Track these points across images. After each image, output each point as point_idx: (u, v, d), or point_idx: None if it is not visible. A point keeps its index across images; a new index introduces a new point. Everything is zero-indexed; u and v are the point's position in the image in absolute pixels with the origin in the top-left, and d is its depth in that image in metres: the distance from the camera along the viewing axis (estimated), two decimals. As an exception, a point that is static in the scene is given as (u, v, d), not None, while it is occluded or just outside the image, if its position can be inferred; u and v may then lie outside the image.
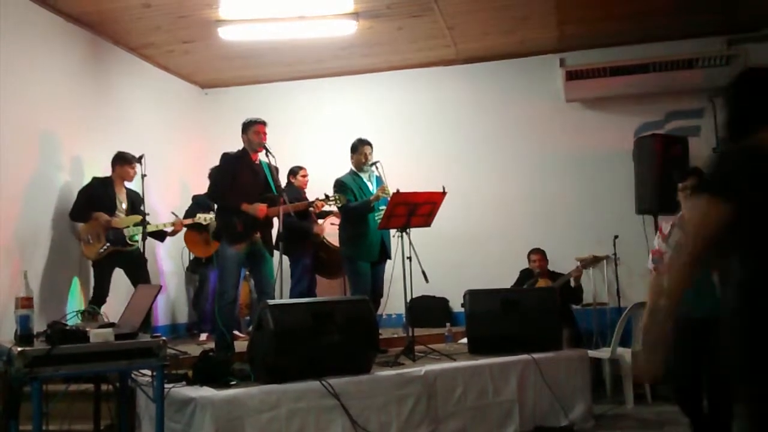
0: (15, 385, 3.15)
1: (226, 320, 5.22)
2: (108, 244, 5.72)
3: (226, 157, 5.40)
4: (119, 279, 5.93)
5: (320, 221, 6.98)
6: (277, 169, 5.50)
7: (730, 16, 6.72)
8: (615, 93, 7.27)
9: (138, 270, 5.86)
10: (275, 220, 5.52)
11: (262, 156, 5.42)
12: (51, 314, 5.22)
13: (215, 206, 5.74)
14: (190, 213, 6.57)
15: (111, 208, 5.84)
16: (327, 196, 5.63)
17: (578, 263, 6.63)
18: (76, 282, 6.00)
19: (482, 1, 6.22)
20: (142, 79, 7.32)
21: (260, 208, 5.24)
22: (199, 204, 6.68)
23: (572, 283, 6.55)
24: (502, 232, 7.46)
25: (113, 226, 5.75)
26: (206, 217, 6.28)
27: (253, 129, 5.35)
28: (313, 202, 5.78)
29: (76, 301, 5.97)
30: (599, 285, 7.20)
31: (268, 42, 6.86)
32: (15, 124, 5.42)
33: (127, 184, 6.07)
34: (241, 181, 5.31)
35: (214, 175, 5.71)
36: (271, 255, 5.39)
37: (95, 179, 5.99)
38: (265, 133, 5.37)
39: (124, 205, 5.97)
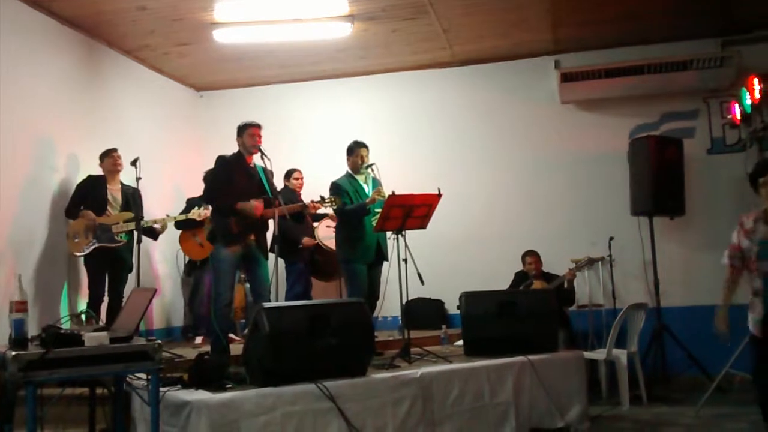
0: (9, 390, 3.14)
1: (221, 323, 5.21)
2: (95, 241, 5.71)
3: (221, 159, 5.39)
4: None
5: (316, 224, 6.98)
6: (272, 173, 5.51)
7: (724, 18, 6.75)
8: (610, 95, 7.29)
9: (120, 272, 5.89)
10: (270, 223, 5.52)
11: (257, 159, 5.42)
12: (45, 318, 5.21)
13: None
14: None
15: (102, 205, 5.84)
16: (322, 198, 5.63)
17: (573, 264, 6.65)
18: (68, 285, 5.99)
19: (477, 3, 6.23)
20: (137, 81, 7.32)
21: (256, 206, 5.23)
22: (192, 206, 6.65)
23: (565, 285, 6.56)
24: (497, 233, 7.46)
25: (100, 223, 5.74)
26: (200, 213, 6.23)
27: (248, 132, 5.36)
28: (305, 204, 5.77)
29: (69, 304, 5.96)
30: (594, 286, 7.22)
31: (263, 44, 6.87)
32: (9, 127, 5.41)
33: (126, 182, 6.05)
34: (236, 184, 5.31)
35: (210, 177, 5.70)
36: (266, 258, 5.39)
37: (89, 176, 6.01)
38: (260, 136, 5.37)
39: (117, 203, 5.95)
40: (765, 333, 3.77)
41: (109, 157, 6.01)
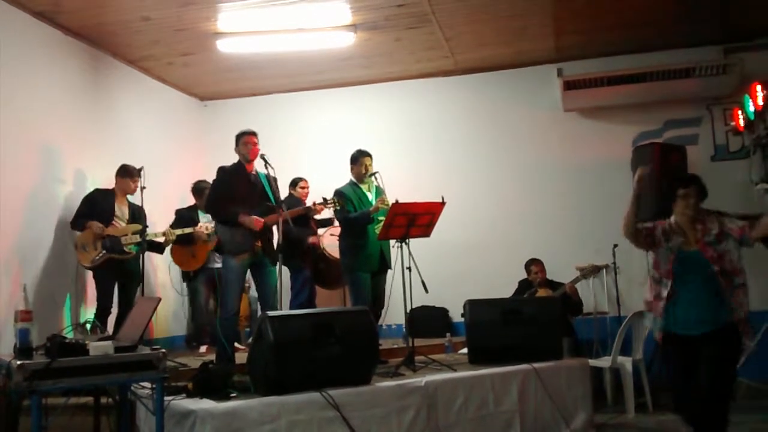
0: (14, 399, 3.15)
1: (227, 332, 5.22)
2: (104, 252, 5.72)
3: (220, 171, 5.46)
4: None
5: (321, 231, 6.98)
6: (275, 179, 5.51)
7: (727, 25, 6.76)
8: (613, 102, 7.29)
9: (130, 283, 5.87)
10: (275, 230, 5.53)
11: (261, 167, 5.44)
12: (50, 327, 5.21)
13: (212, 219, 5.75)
14: (173, 227, 6.40)
15: (108, 219, 5.84)
16: (325, 200, 5.67)
17: (578, 272, 6.63)
18: (72, 295, 6.00)
19: (480, 12, 6.25)
20: (142, 91, 7.35)
21: (256, 221, 5.27)
22: (182, 218, 6.62)
23: (573, 298, 6.54)
24: (501, 241, 7.46)
25: (107, 234, 5.75)
26: (208, 226, 6.19)
27: (242, 140, 5.43)
28: (308, 207, 5.77)
29: (73, 313, 5.96)
30: (599, 294, 7.20)
31: (267, 54, 6.89)
32: (15, 137, 5.43)
33: (131, 199, 6.07)
34: (237, 193, 5.35)
35: (211, 189, 5.71)
36: (274, 264, 5.39)
37: (96, 190, 6.01)
38: (254, 144, 5.41)
39: (125, 216, 5.97)
40: (666, 339, 3.93)
41: (131, 179, 5.94)
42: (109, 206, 5.90)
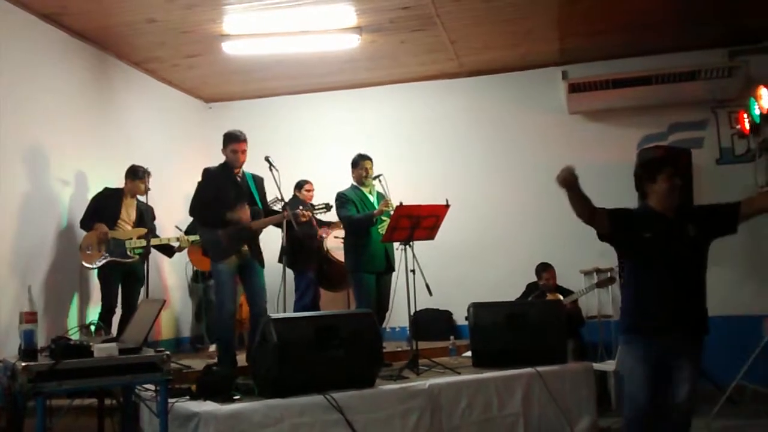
0: (19, 400, 3.15)
1: (226, 334, 5.21)
2: (107, 254, 5.72)
3: (206, 172, 5.34)
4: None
5: (320, 230, 6.97)
6: (262, 179, 5.47)
7: (732, 28, 6.75)
8: (618, 105, 7.28)
9: (134, 284, 5.87)
10: (278, 233, 5.52)
11: (265, 169, 5.41)
12: (57, 328, 5.23)
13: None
14: (192, 229, 6.48)
15: (113, 220, 5.84)
16: (312, 206, 5.66)
17: (582, 276, 6.60)
18: (78, 295, 6.01)
19: (485, 14, 6.25)
20: (147, 93, 7.37)
21: (243, 211, 5.16)
22: None
23: (572, 313, 6.52)
24: (505, 244, 7.45)
25: (111, 237, 5.75)
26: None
27: (230, 147, 5.29)
28: (295, 212, 5.65)
29: (79, 314, 5.98)
30: (603, 297, 7.17)
31: (272, 56, 6.91)
32: (19, 139, 5.46)
33: (141, 198, 6.06)
34: (222, 196, 5.25)
35: (195, 192, 5.69)
36: (262, 266, 5.35)
37: (106, 189, 6.00)
38: (243, 152, 5.27)
39: (131, 218, 5.96)
40: None
41: (140, 181, 5.92)
42: (115, 207, 5.90)
